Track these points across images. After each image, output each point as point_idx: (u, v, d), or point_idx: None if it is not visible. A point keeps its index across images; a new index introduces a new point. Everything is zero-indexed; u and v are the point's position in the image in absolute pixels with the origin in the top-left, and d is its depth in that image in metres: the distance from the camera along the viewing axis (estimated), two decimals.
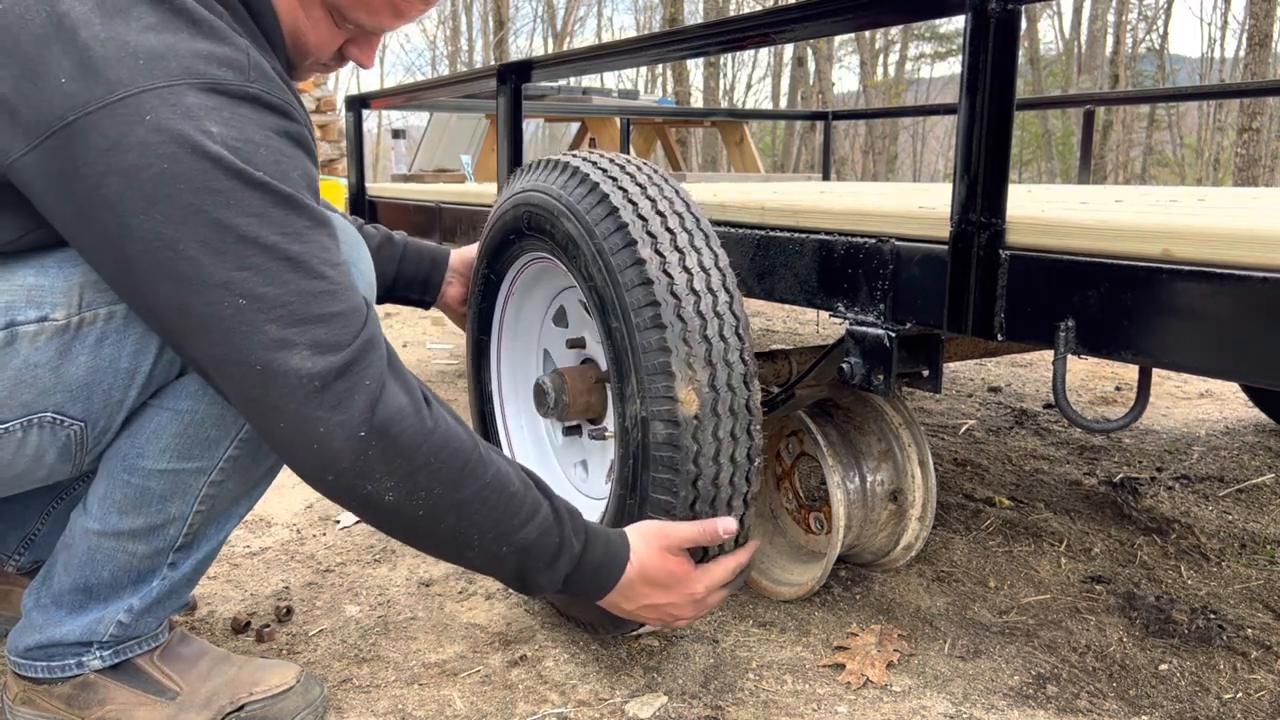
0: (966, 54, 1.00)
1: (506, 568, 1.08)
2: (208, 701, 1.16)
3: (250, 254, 0.90)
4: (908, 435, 1.51)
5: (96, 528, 1.10)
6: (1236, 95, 4.83)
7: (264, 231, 0.91)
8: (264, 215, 0.91)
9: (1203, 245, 0.85)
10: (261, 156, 0.92)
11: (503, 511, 1.04)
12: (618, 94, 5.81)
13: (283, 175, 0.94)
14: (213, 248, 0.89)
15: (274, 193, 0.92)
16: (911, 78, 27.72)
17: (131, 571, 1.12)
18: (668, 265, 1.13)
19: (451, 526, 1.02)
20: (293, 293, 0.92)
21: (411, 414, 0.98)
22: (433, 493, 0.99)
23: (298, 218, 0.94)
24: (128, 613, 1.13)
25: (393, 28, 1.16)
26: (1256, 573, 1.69)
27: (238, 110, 0.92)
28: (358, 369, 0.95)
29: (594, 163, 1.25)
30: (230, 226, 0.90)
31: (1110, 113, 15.97)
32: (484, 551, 1.05)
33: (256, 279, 0.90)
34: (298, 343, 0.92)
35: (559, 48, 24.94)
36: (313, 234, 0.95)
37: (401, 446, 0.97)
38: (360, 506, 0.99)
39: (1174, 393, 3.03)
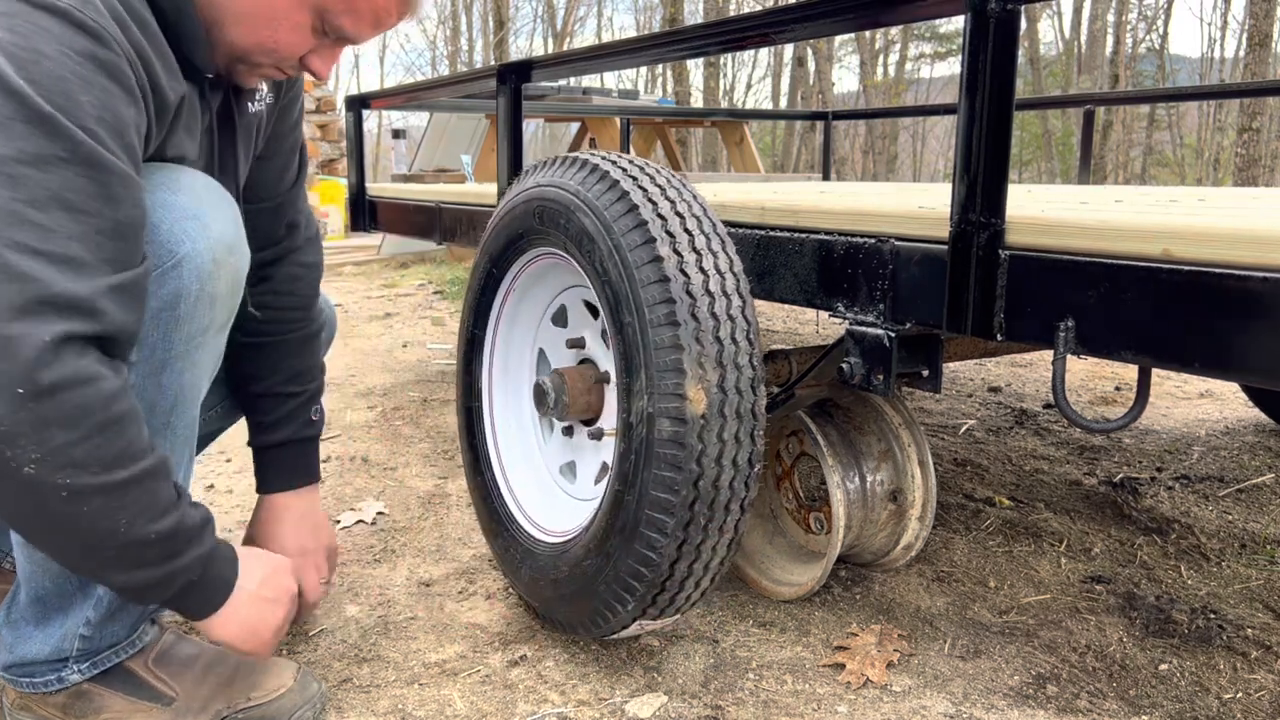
0: (966, 54, 1.00)
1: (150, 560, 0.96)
2: (204, 706, 1.15)
3: None
4: (908, 435, 1.51)
5: (19, 539, 1.06)
6: (1236, 95, 4.83)
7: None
8: (5, 127, 0.82)
9: (1203, 245, 0.85)
10: (42, 70, 0.83)
11: (156, 497, 0.94)
12: (618, 94, 5.81)
13: (62, 94, 0.84)
14: None
15: (30, 107, 0.82)
16: (911, 78, 27.72)
17: (70, 579, 1.08)
18: (685, 264, 1.14)
19: (97, 509, 0.89)
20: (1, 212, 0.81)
21: (94, 380, 0.87)
22: (84, 469, 0.87)
23: (49, 142, 0.83)
24: (87, 625, 1.10)
25: (367, 39, 1.12)
26: (1256, 573, 1.69)
27: (34, 19, 0.84)
28: (41, 317, 0.82)
29: (614, 161, 1.26)
30: None
31: (1110, 113, 15.96)
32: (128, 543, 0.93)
33: None
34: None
35: (559, 48, 24.94)
36: (62, 167, 0.84)
37: (66, 418, 0.85)
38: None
39: (1174, 393, 3.03)
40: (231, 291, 1.12)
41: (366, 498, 2.05)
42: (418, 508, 2.00)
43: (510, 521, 1.50)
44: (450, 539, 1.83)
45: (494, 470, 1.56)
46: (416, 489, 2.11)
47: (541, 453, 1.58)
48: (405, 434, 2.53)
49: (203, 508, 1.04)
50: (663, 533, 1.14)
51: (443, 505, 2.01)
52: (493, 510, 1.53)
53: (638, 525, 1.16)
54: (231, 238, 1.09)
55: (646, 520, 1.15)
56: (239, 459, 2.30)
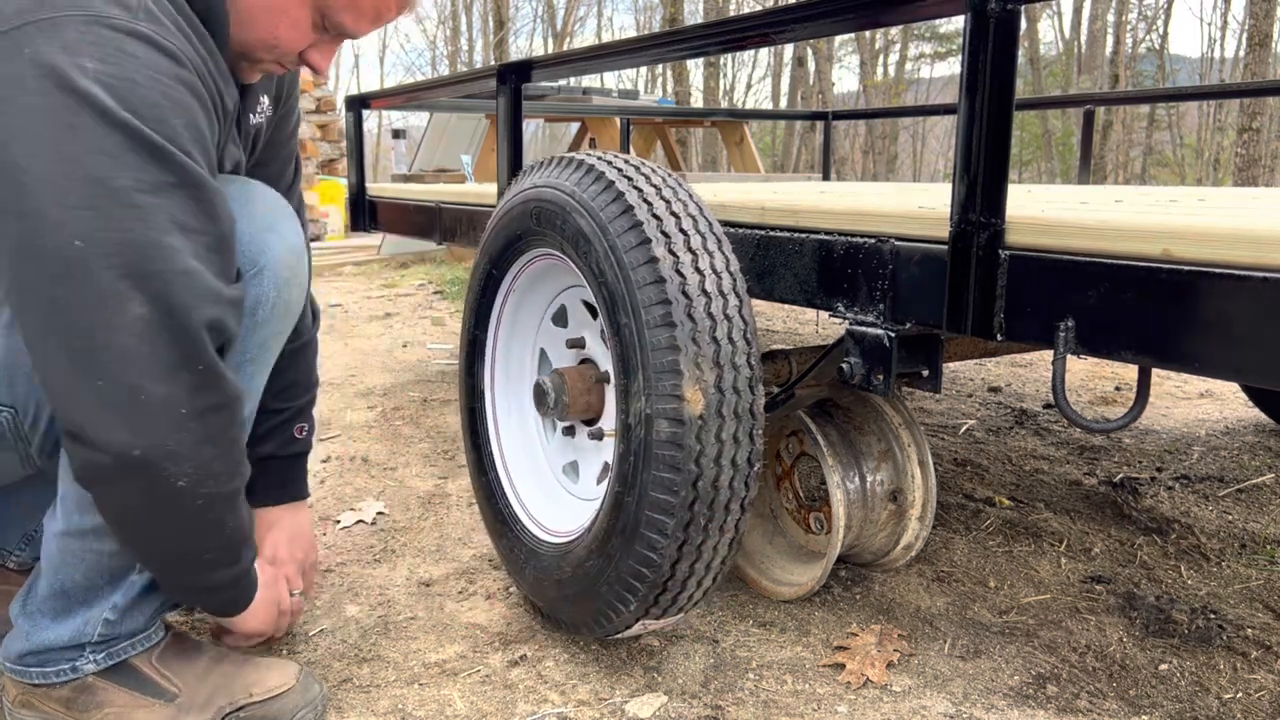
0: (966, 54, 1.00)
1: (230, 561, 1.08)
2: (207, 702, 1.16)
3: (97, 195, 0.85)
4: (908, 435, 1.51)
5: (61, 528, 1.08)
6: (1236, 95, 4.83)
7: (115, 174, 0.86)
8: (120, 158, 0.86)
9: (1203, 245, 0.85)
10: (138, 97, 0.87)
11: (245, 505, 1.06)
12: (618, 94, 5.81)
13: (159, 120, 0.88)
14: (57, 184, 0.84)
15: (138, 137, 0.87)
16: (911, 78, 27.71)
17: (104, 571, 1.10)
18: (680, 265, 1.14)
19: (219, 515, 1.00)
20: (135, 244, 0.86)
21: (234, 400, 0.97)
22: (219, 480, 0.97)
23: (159, 169, 0.88)
24: (113, 609, 1.12)
25: (366, 33, 1.15)
26: (1256, 573, 1.69)
27: (121, 46, 0.87)
28: (195, 342, 0.90)
29: (609, 162, 1.26)
30: (80, 163, 0.85)
31: (1110, 113, 15.96)
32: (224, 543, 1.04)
33: (98, 222, 0.85)
34: (132, 298, 0.86)
35: (559, 48, 24.94)
36: (174, 191, 0.89)
37: (215, 434, 0.95)
38: (148, 487, 0.93)
39: (1174, 393, 3.03)
40: (300, 299, 1.20)
41: (366, 498, 2.05)
42: (418, 508, 2.00)
43: (514, 522, 1.50)
44: (450, 539, 1.83)
45: (497, 471, 1.56)
46: (416, 489, 2.11)
47: (544, 453, 1.58)
48: (405, 434, 2.53)
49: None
50: (663, 533, 1.14)
51: (443, 505, 2.01)
52: (497, 511, 1.53)
53: (638, 526, 1.16)
54: (300, 248, 1.18)
55: (647, 521, 1.15)
56: None
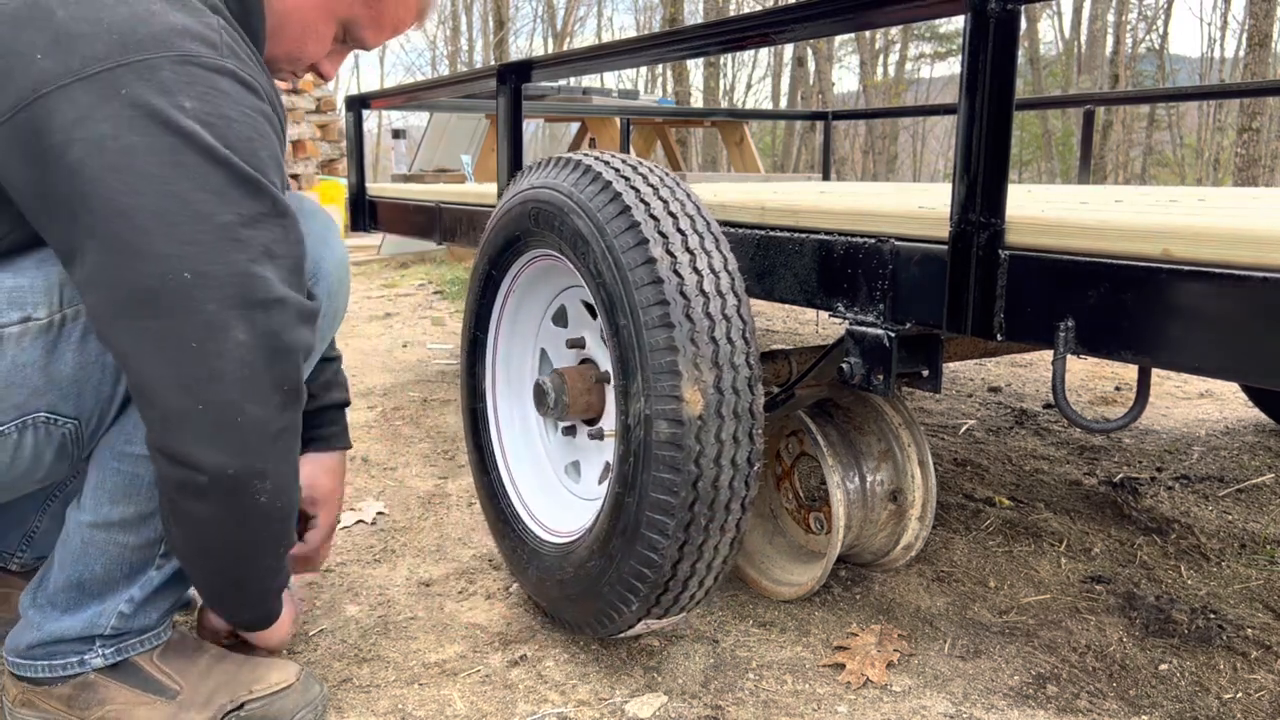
0: (966, 54, 1.00)
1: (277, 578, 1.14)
2: (208, 700, 1.16)
3: (203, 230, 0.89)
4: (908, 435, 1.51)
5: (89, 519, 1.10)
6: (1236, 95, 4.83)
7: (220, 209, 0.90)
8: (223, 194, 0.90)
9: (1203, 245, 0.85)
10: (234, 133, 0.91)
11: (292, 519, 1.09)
12: (618, 94, 5.81)
13: (251, 154, 0.93)
14: (165, 219, 0.88)
15: (238, 173, 0.91)
16: (911, 78, 27.70)
17: (124, 564, 1.11)
18: (678, 265, 1.13)
19: (283, 525, 1.05)
20: (238, 274, 0.91)
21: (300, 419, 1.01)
22: (288, 496, 1.02)
23: (256, 202, 0.93)
24: (129, 603, 1.13)
25: (377, 46, 1.19)
26: (1256, 573, 1.69)
27: (214, 85, 0.91)
28: (286, 364, 0.96)
29: (606, 161, 1.26)
30: (187, 200, 0.88)
31: (1110, 113, 15.96)
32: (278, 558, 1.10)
33: (204, 256, 0.89)
34: (234, 325, 0.91)
35: (559, 48, 24.93)
36: (268, 221, 0.94)
37: (291, 452, 1.00)
38: (233, 502, 0.98)
39: (1174, 393, 3.03)
40: (345, 305, 1.26)
41: (366, 498, 2.05)
42: (418, 508, 2.00)
43: (516, 522, 1.50)
44: (450, 539, 1.83)
45: (499, 471, 1.56)
46: (416, 489, 2.11)
47: (546, 453, 1.58)
48: (405, 434, 2.53)
49: None
50: (664, 534, 1.14)
51: (443, 505, 2.01)
52: (499, 511, 1.54)
53: (639, 527, 1.16)
54: (346, 258, 1.23)
55: (647, 522, 1.15)
56: None
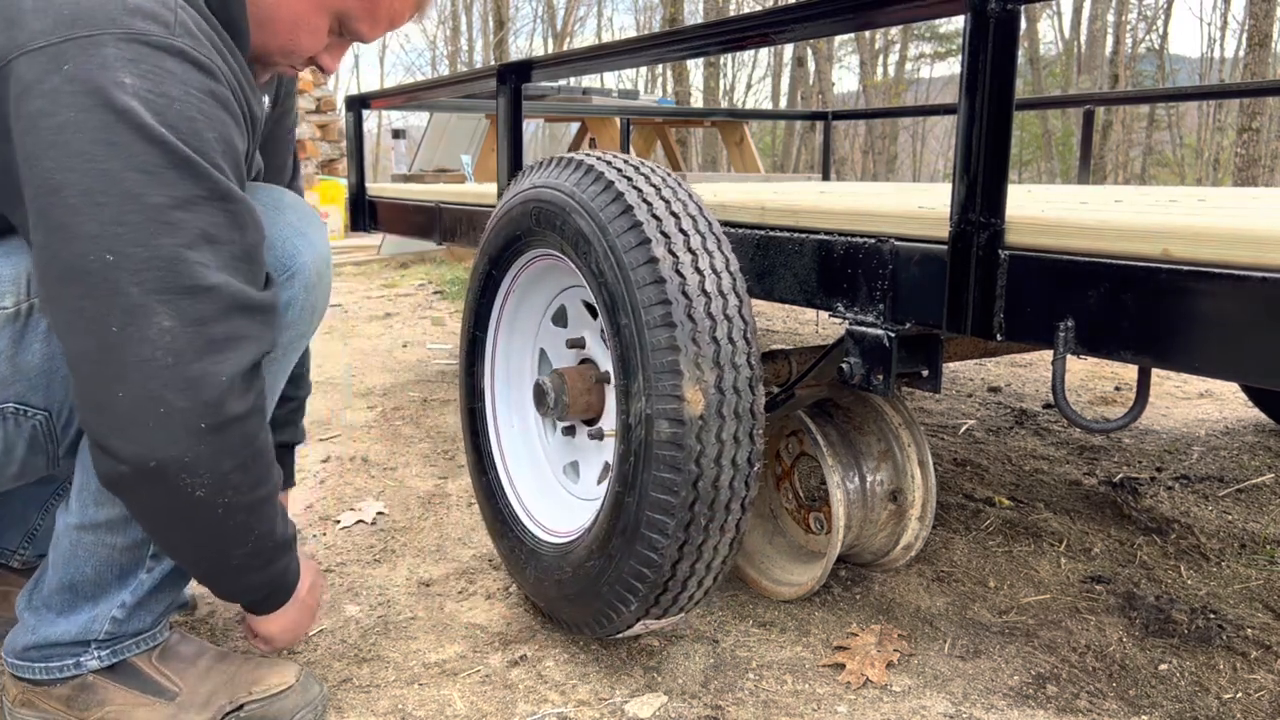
0: (966, 54, 1.00)
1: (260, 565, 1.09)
2: (207, 701, 1.16)
3: (130, 210, 0.87)
4: (907, 435, 1.51)
5: (75, 521, 1.09)
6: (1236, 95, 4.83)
7: (150, 190, 0.88)
8: (156, 175, 0.88)
9: (1203, 245, 0.85)
10: (175, 112, 0.89)
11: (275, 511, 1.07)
12: (618, 94, 5.81)
13: (193, 135, 0.90)
14: (93, 198, 0.86)
15: (174, 153, 0.89)
16: (911, 78, 27.70)
17: (114, 566, 1.11)
18: (680, 265, 1.14)
19: (241, 522, 1.01)
20: (164, 259, 0.88)
21: (258, 412, 0.97)
22: (240, 490, 0.98)
23: (193, 185, 0.90)
24: (121, 608, 1.12)
25: (379, 37, 1.18)
26: (1256, 573, 1.69)
27: (159, 63, 0.89)
28: (219, 355, 0.91)
29: (609, 162, 1.26)
30: (117, 179, 0.86)
31: (1110, 113, 15.95)
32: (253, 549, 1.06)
33: (129, 237, 0.87)
34: (158, 311, 0.88)
35: (559, 48, 24.93)
36: (205, 204, 0.91)
37: (235, 446, 0.95)
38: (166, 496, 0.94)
39: (1174, 393, 3.03)
40: (325, 301, 1.23)
41: (366, 498, 2.05)
42: (418, 508, 2.00)
43: (515, 522, 1.50)
44: (450, 539, 1.83)
45: (498, 471, 1.56)
46: (416, 489, 2.11)
47: (545, 453, 1.58)
48: (405, 434, 2.53)
49: (291, 522, 1.15)
50: (664, 534, 1.14)
51: (443, 505, 2.01)
52: (497, 511, 1.53)
53: (639, 526, 1.16)
54: (327, 254, 1.21)
55: (647, 521, 1.15)
56: None
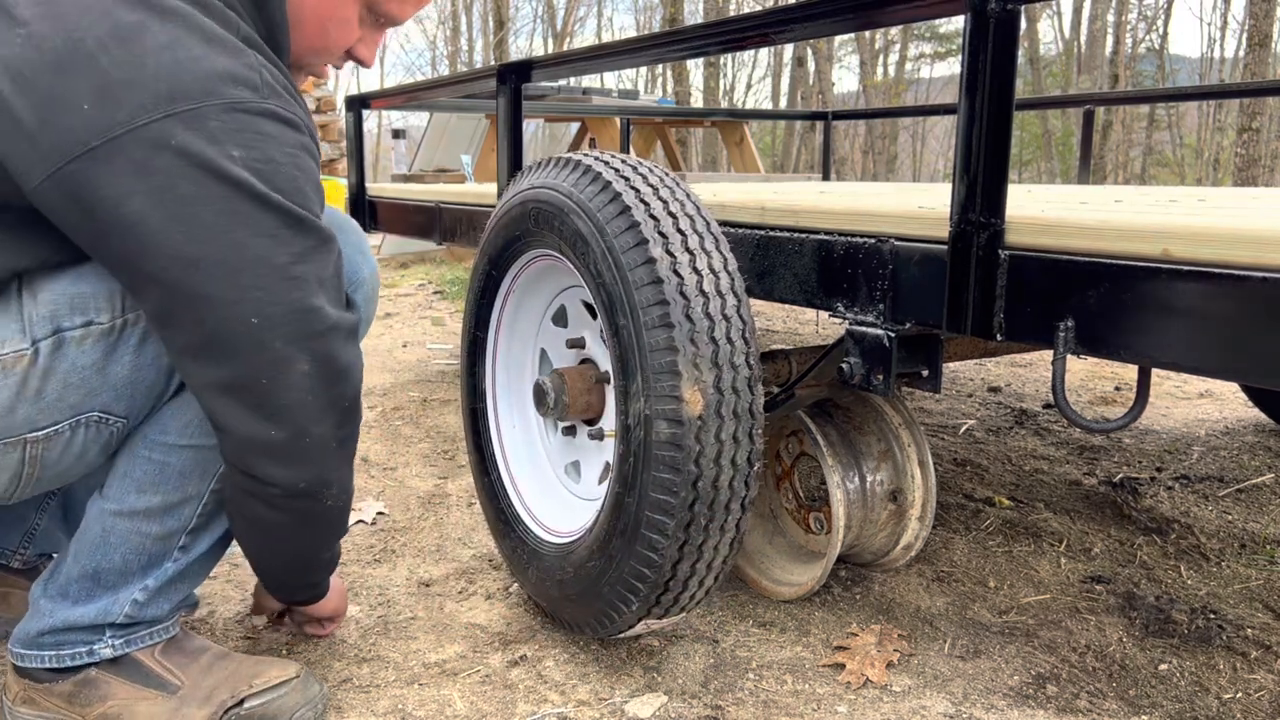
0: (966, 54, 1.00)
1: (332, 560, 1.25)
2: (209, 696, 1.16)
3: (263, 275, 0.97)
4: (907, 435, 1.51)
5: (113, 508, 1.12)
6: (1236, 95, 4.83)
7: (275, 252, 0.97)
8: (276, 237, 0.97)
9: (1202, 245, 0.85)
10: (282, 176, 0.97)
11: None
12: (618, 94, 5.81)
13: (298, 192, 0.99)
14: (229, 266, 0.95)
15: (288, 214, 0.98)
16: (911, 78, 27.69)
17: (143, 554, 1.13)
18: (678, 265, 1.13)
19: (339, 518, 1.15)
20: (298, 311, 0.99)
21: (359, 425, 1.12)
22: (347, 494, 1.13)
23: (305, 238, 1.00)
24: (143, 591, 1.14)
25: (410, 17, 1.22)
26: (1256, 573, 1.69)
27: (259, 129, 0.96)
28: (345, 383, 1.06)
29: (606, 162, 1.26)
30: (246, 246, 0.96)
31: (1110, 113, 15.95)
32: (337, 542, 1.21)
33: (267, 299, 0.97)
34: (298, 359, 1.00)
35: (559, 48, 24.93)
36: (316, 253, 1.01)
37: (350, 454, 1.11)
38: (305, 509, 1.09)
39: (1174, 393, 3.03)
40: (375, 310, 1.36)
41: (366, 498, 2.05)
42: (418, 508, 2.00)
43: (516, 522, 1.50)
44: (450, 539, 1.83)
45: (499, 471, 1.56)
46: (416, 489, 2.11)
47: (546, 453, 1.58)
48: (405, 434, 2.53)
49: None
50: (664, 534, 1.14)
51: (443, 505, 2.01)
52: (499, 511, 1.54)
53: (639, 527, 1.16)
54: (377, 266, 1.32)
55: (647, 522, 1.15)
56: None
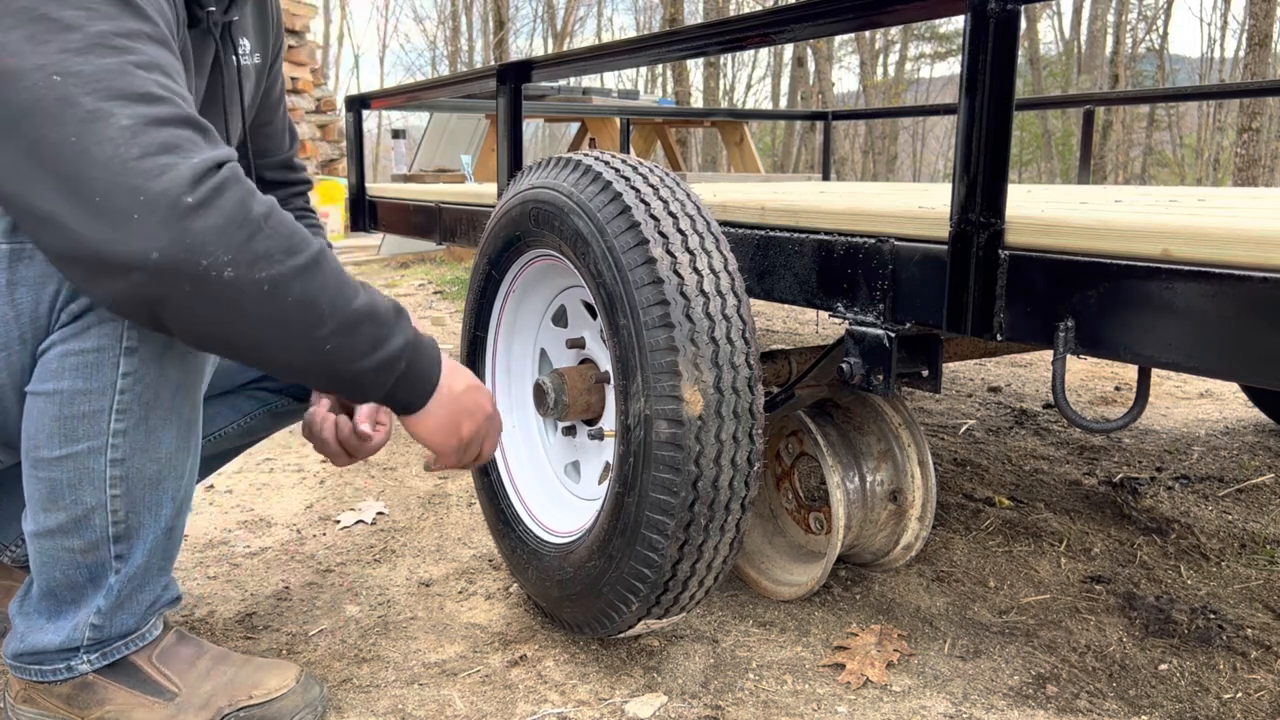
0: (966, 54, 1.00)
1: (364, 345, 1.01)
2: (206, 702, 1.16)
3: (73, 38, 0.88)
4: (907, 435, 1.51)
5: (32, 528, 1.08)
6: (1236, 95, 4.83)
7: (92, 22, 0.89)
8: (94, 9, 0.89)
9: (1203, 245, 0.85)
10: None
11: (339, 280, 0.99)
12: (618, 94, 5.80)
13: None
14: (36, 39, 0.87)
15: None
16: (911, 78, 27.70)
17: (81, 569, 1.09)
18: (678, 265, 1.13)
19: (299, 295, 0.95)
20: (114, 69, 0.88)
21: (239, 181, 0.93)
22: (273, 260, 0.92)
23: (134, 19, 0.92)
24: (98, 614, 1.11)
25: None
26: (1256, 573, 1.69)
27: None
28: (184, 144, 0.90)
29: (606, 162, 1.26)
30: (56, 19, 0.88)
31: (1110, 113, 15.96)
32: (338, 325, 0.98)
33: (76, 59, 0.87)
34: (116, 113, 0.87)
35: (559, 48, 24.93)
36: (148, 41, 0.92)
37: (233, 214, 0.91)
38: (196, 289, 0.90)
39: (1174, 393, 3.03)
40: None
41: (366, 498, 2.05)
42: (418, 508, 2.00)
43: (516, 522, 1.50)
44: (450, 539, 1.83)
45: (499, 471, 1.56)
46: (416, 489, 2.11)
47: (546, 453, 1.58)
48: (405, 434, 2.53)
49: (394, 300, 1.06)
50: (664, 534, 1.14)
51: (443, 505, 2.01)
52: (499, 511, 1.54)
53: (639, 527, 1.16)
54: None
55: (647, 522, 1.15)
56: (239, 459, 2.30)
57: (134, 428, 1.06)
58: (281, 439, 2.49)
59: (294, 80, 7.36)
